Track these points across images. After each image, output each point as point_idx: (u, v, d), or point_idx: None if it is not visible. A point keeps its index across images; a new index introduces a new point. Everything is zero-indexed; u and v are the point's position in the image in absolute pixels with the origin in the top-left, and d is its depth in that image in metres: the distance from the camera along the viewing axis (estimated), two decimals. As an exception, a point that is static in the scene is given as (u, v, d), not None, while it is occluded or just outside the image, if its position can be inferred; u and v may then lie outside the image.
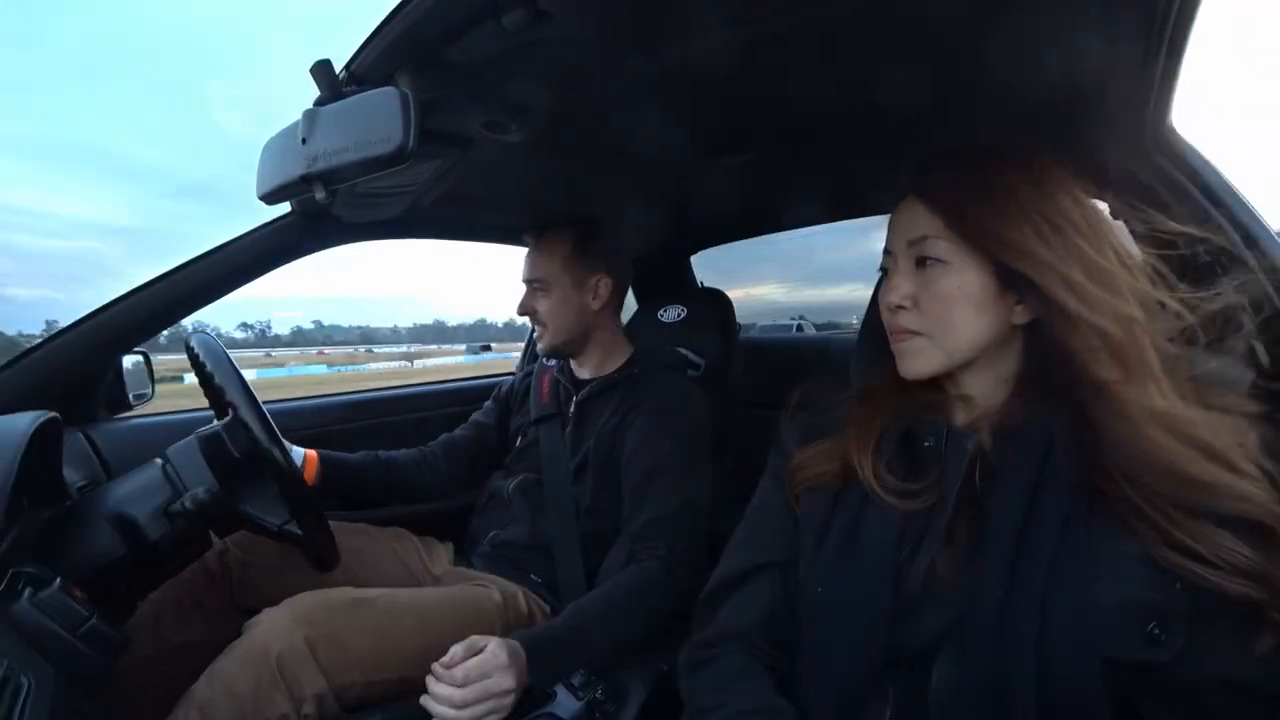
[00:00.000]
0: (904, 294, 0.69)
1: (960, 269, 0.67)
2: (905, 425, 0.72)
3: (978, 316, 0.67)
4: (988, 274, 0.66)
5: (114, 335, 1.10)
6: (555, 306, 1.30)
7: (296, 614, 0.91)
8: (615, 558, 1.21)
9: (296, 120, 0.74)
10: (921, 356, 0.70)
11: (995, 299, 0.66)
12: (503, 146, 0.94)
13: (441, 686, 0.84)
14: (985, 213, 0.65)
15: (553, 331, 1.30)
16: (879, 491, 0.69)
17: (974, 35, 0.75)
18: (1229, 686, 0.57)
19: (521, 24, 0.63)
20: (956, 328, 0.67)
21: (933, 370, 0.70)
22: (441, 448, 1.44)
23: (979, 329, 0.67)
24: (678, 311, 1.69)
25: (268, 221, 1.12)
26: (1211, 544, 0.55)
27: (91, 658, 0.71)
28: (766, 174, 1.31)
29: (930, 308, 0.68)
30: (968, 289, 0.66)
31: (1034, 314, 0.65)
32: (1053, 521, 0.60)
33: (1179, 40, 0.73)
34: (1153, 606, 0.57)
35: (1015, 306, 0.67)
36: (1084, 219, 0.65)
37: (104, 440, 1.21)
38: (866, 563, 0.68)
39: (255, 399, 0.92)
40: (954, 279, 0.67)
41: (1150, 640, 0.57)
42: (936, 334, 0.68)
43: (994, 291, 0.66)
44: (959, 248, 0.66)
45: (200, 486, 0.87)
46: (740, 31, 0.73)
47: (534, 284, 1.31)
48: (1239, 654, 0.57)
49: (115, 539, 0.82)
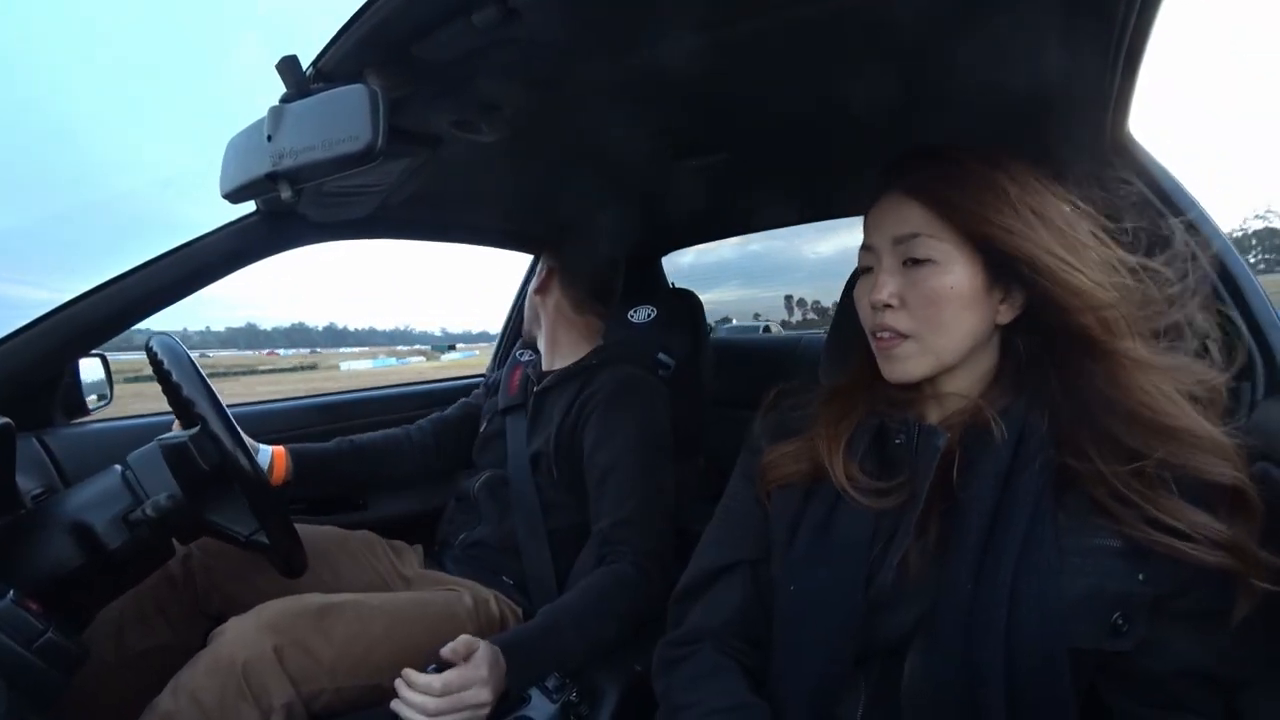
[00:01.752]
0: (891, 291, 0.69)
1: (950, 267, 0.67)
2: (876, 423, 0.73)
3: (968, 315, 0.67)
4: (977, 269, 0.67)
5: (70, 337, 1.07)
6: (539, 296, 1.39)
7: (263, 622, 0.89)
8: (586, 560, 1.20)
9: (262, 117, 0.73)
10: (910, 361, 0.69)
11: (984, 296, 0.67)
12: (473, 146, 0.93)
13: (415, 695, 0.82)
14: (977, 205, 0.66)
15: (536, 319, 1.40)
16: (851, 492, 0.69)
17: (940, 41, 0.77)
18: (1188, 674, 0.60)
19: (492, 22, 0.63)
20: (947, 328, 0.67)
21: (922, 374, 0.70)
22: (431, 424, 1.45)
23: (968, 329, 0.68)
24: (648, 312, 1.70)
25: (232, 221, 1.10)
26: (1187, 520, 0.57)
27: (48, 672, 0.69)
28: (738, 175, 1.31)
29: (919, 307, 0.68)
30: (959, 287, 0.66)
31: (1018, 310, 0.68)
32: (1022, 515, 0.61)
33: (1136, 50, 0.75)
34: (1117, 597, 0.59)
35: (1000, 305, 0.68)
36: (1060, 209, 0.67)
37: (60, 446, 1.17)
38: (839, 560, 0.69)
39: (222, 405, 0.90)
40: (945, 277, 0.67)
41: (1114, 630, 0.58)
42: (926, 335, 0.68)
43: (983, 288, 0.67)
44: (949, 244, 0.67)
45: (162, 493, 0.84)
46: (712, 33, 0.73)
47: None
48: (1199, 642, 0.59)
49: (72, 548, 0.79)
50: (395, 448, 1.39)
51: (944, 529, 0.65)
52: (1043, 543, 0.60)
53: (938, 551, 0.65)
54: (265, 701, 0.84)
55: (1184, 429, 0.60)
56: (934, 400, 0.73)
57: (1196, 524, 0.57)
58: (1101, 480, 0.60)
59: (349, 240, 1.36)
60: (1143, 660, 0.60)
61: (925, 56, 0.81)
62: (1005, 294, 0.68)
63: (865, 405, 0.75)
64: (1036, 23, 0.72)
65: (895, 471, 0.69)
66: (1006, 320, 0.68)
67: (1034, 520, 0.61)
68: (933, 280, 0.67)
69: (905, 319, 0.69)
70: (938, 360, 0.69)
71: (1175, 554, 0.57)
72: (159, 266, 1.07)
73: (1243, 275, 0.87)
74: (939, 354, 0.68)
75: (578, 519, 1.23)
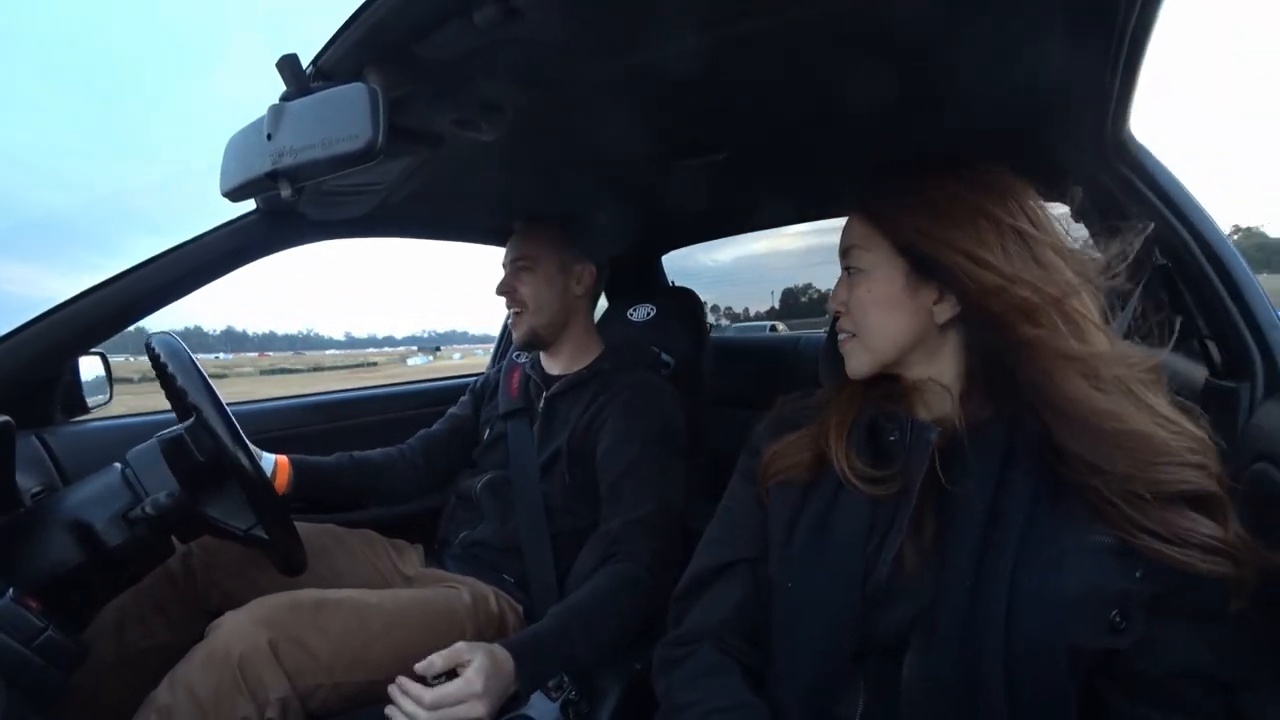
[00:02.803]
0: (839, 300, 0.78)
1: (873, 274, 0.74)
2: (871, 417, 0.75)
3: (893, 316, 0.73)
4: (897, 275, 0.72)
5: (70, 335, 1.07)
6: (538, 286, 1.29)
7: (259, 616, 0.89)
8: (587, 557, 1.20)
9: (262, 116, 0.73)
10: (854, 357, 0.77)
11: (908, 298, 0.72)
12: (474, 145, 0.93)
13: (408, 703, 0.82)
14: (901, 212, 0.72)
15: (533, 311, 1.30)
16: (850, 476, 0.71)
17: (940, 41, 0.77)
18: (1187, 674, 0.60)
19: (493, 21, 0.62)
20: (875, 328, 0.74)
21: (866, 369, 0.76)
22: (420, 443, 1.43)
23: (899, 328, 0.73)
24: (647, 310, 1.70)
25: (232, 219, 1.10)
26: (1170, 526, 0.57)
27: (48, 670, 0.69)
28: (737, 175, 1.31)
29: (855, 312, 0.76)
30: (878, 292, 0.73)
31: (956, 309, 0.70)
32: (1018, 514, 0.62)
33: (1137, 51, 0.75)
34: (1116, 595, 0.59)
35: (934, 306, 0.71)
36: (1012, 209, 0.69)
37: (60, 444, 1.17)
38: (835, 557, 0.69)
39: (220, 401, 0.90)
40: (867, 284, 0.74)
41: (1112, 628, 0.59)
42: (861, 334, 0.76)
43: (905, 291, 0.72)
44: (874, 253, 0.73)
45: (162, 491, 0.84)
46: (712, 34, 0.73)
47: (518, 262, 1.31)
48: (1197, 642, 0.59)
49: (72, 547, 0.80)
50: (390, 465, 1.38)
51: (940, 525, 0.66)
52: (1041, 540, 0.61)
53: (934, 548, 0.66)
54: (261, 695, 0.84)
55: (1135, 433, 0.60)
56: (918, 394, 0.75)
57: (1181, 530, 0.57)
58: (1086, 486, 0.60)
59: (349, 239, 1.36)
60: (1141, 659, 0.60)
61: (924, 56, 0.81)
62: (939, 295, 0.71)
63: (862, 401, 0.77)
64: (1036, 22, 0.72)
65: (889, 464, 0.71)
66: (945, 318, 0.71)
67: (1032, 517, 0.62)
68: (860, 287, 0.75)
69: (850, 322, 0.77)
70: (875, 357, 0.75)
71: (1165, 560, 0.57)
72: (159, 265, 1.07)
73: (1242, 275, 0.87)
74: (874, 351, 0.75)
75: (582, 522, 1.23)
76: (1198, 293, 0.91)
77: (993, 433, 0.67)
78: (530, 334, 1.31)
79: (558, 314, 1.31)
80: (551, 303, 1.30)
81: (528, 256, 1.30)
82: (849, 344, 0.77)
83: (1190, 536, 0.57)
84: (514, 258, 1.32)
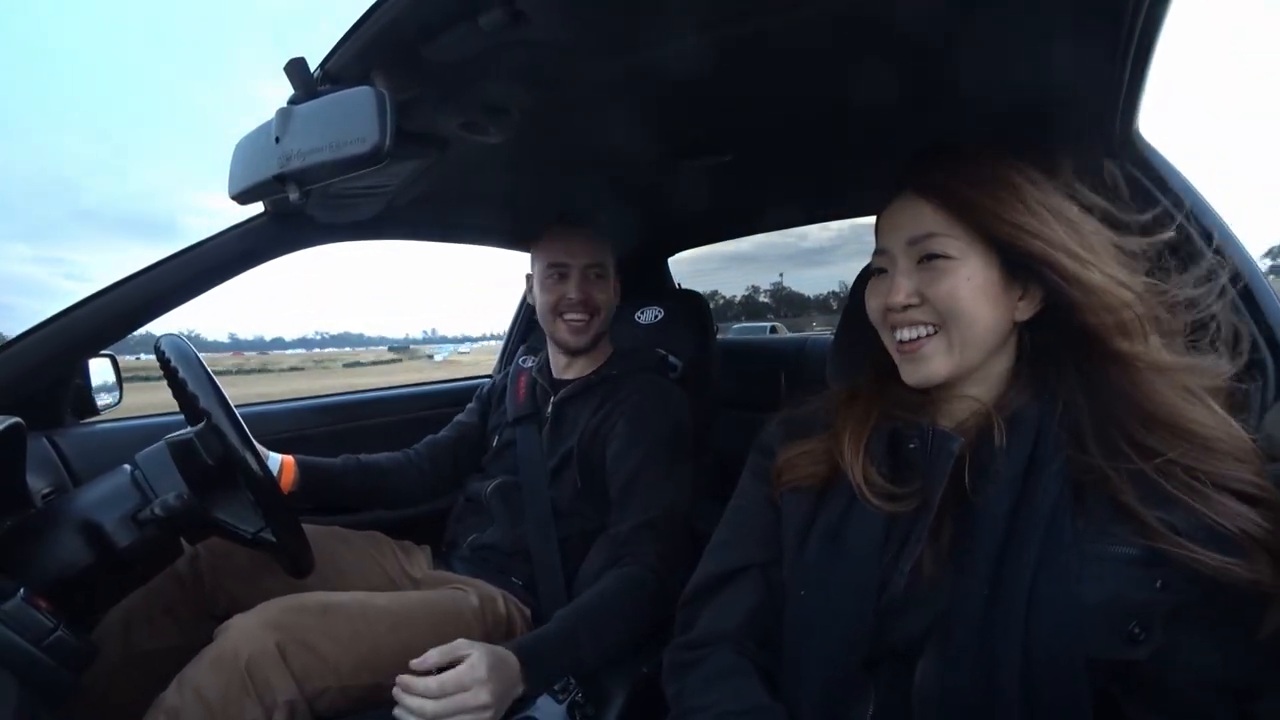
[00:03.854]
0: (909, 291, 0.69)
1: (967, 261, 0.67)
2: (890, 427, 0.73)
3: (989, 309, 0.67)
4: (994, 266, 0.67)
5: (81, 338, 1.08)
6: (609, 294, 1.32)
7: (267, 618, 0.89)
8: (595, 560, 1.20)
9: (270, 119, 0.73)
10: (935, 360, 0.69)
11: (1003, 292, 0.68)
12: (480, 148, 0.93)
13: (414, 699, 0.82)
14: (993, 203, 0.66)
15: (603, 320, 1.32)
16: (867, 494, 0.69)
17: (948, 39, 0.76)
18: (1203, 683, 0.59)
19: (499, 25, 0.63)
20: (970, 321, 0.67)
21: (945, 374, 0.69)
22: (426, 448, 1.43)
23: (990, 323, 0.68)
24: (655, 313, 1.69)
25: (240, 222, 1.11)
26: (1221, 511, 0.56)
27: (57, 670, 0.69)
28: (744, 176, 1.31)
29: (939, 301, 0.68)
30: (977, 281, 0.67)
31: (1037, 307, 0.68)
32: (1039, 522, 0.61)
33: (1145, 48, 0.75)
34: (1136, 605, 0.58)
35: (1019, 302, 0.68)
36: (1075, 210, 0.67)
37: (70, 446, 1.18)
38: (850, 567, 0.68)
39: (228, 403, 0.90)
40: (964, 272, 0.67)
41: (1130, 639, 0.58)
42: (951, 327, 0.68)
43: (1001, 284, 0.68)
44: (966, 242, 0.67)
45: (171, 492, 0.85)
46: (717, 34, 0.73)
47: (594, 269, 1.30)
48: (1216, 652, 0.58)
49: (82, 547, 0.80)
50: (396, 469, 1.38)
51: (957, 533, 0.65)
52: (1062, 548, 0.60)
53: (951, 557, 0.64)
54: (269, 697, 0.84)
55: (1200, 431, 0.59)
56: (945, 404, 0.73)
57: (1232, 514, 0.56)
58: (1123, 479, 0.59)
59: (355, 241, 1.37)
60: (1159, 669, 0.59)
61: (932, 56, 0.81)
62: (1024, 291, 0.68)
63: (879, 409, 0.75)
64: (1044, 20, 0.72)
65: (908, 476, 0.69)
66: (1025, 317, 0.69)
67: (1052, 525, 0.60)
68: (951, 276, 0.67)
69: (929, 313, 0.69)
70: (961, 358, 0.69)
71: (1196, 564, 0.55)
72: (168, 268, 1.08)
73: (1254, 277, 0.86)
74: (963, 349, 0.68)
75: (591, 526, 1.23)
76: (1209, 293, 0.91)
77: (1024, 433, 0.65)
78: (593, 340, 1.32)
79: (610, 320, 1.33)
80: (612, 310, 1.33)
81: (601, 264, 1.30)
82: (926, 345, 0.70)
83: (1240, 522, 0.56)
84: (588, 264, 1.29)
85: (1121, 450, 0.60)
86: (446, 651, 0.86)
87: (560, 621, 0.99)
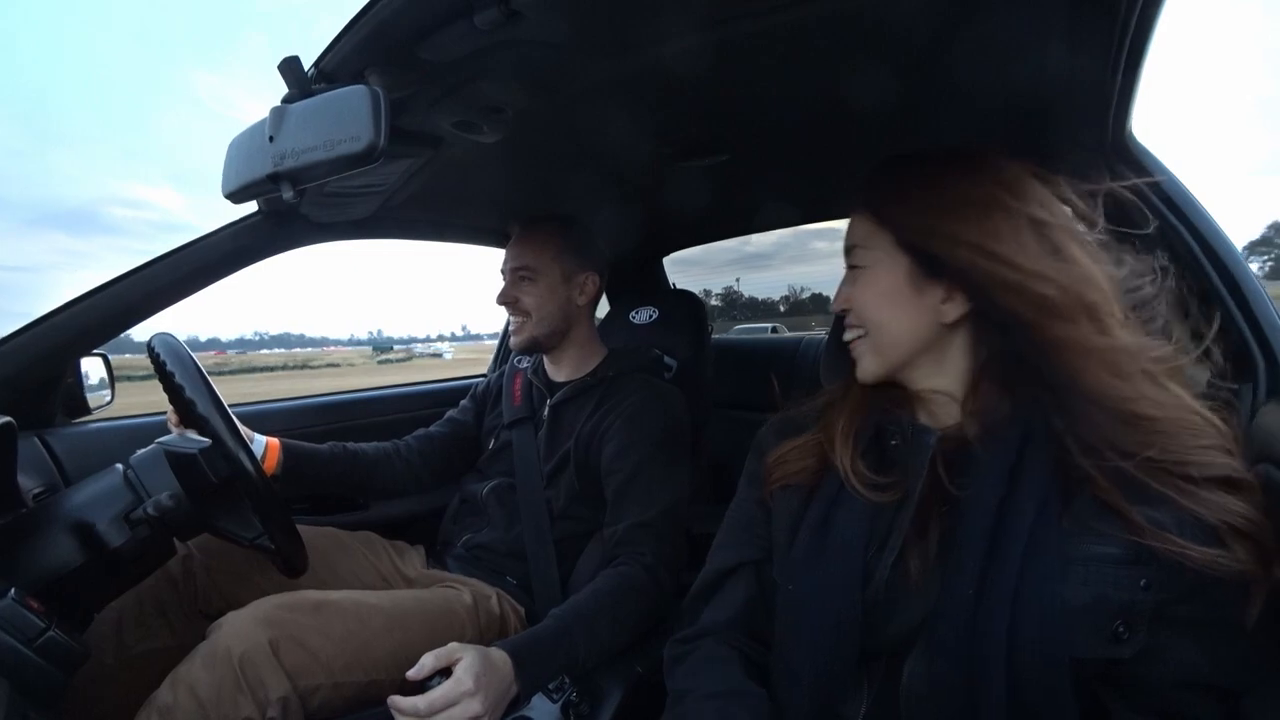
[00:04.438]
0: (842, 298, 0.76)
1: (875, 270, 0.72)
2: (875, 423, 0.74)
3: (901, 314, 0.71)
4: (900, 272, 0.70)
5: (72, 336, 1.07)
6: (542, 297, 1.28)
7: (259, 615, 0.89)
8: (590, 560, 1.21)
9: (263, 118, 0.73)
10: (865, 359, 0.75)
11: (912, 294, 0.70)
12: (475, 147, 0.93)
13: None
14: (902, 208, 0.71)
15: (536, 322, 1.28)
16: (854, 483, 0.71)
17: (943, 41, 0.77)
18: (1188, 682, 0.59)
19: (494, 23, 0.63)
20: (883, 327, 0.72)
21: (876, 372, 0.74)
22: (417, 441, 1.42)
23: (905, 327, 0.71)
24: (650, 313, 1.69)
25: (234, 220, 1.10)
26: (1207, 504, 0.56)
27: (49, 670, 0.69)
28: (740, 176, 1.31)
29: (859, 309, 0.74)
30: (881, 287, 0.71)
31: (966, 307, 0.68)
32: (1024, 521, 0.61)
33: (1138, 51, 0.75)
34: (1120, 606, 0.58)
35: (942, 305, 0.69)
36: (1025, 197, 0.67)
37: (61, 445, 1.17)
38: (835, 560, 0.69)
39: (223, 404, 0.90)
40: (870, 280, 0.72)
41: (1115, 638, 0.58)
42: (871, 332, 0.74)
43: (910, 288, 0.70)
44: (876, 250, 0.72)
45: (163, 492, 0.84)
46: (713, 34, 0.73)
47: (520, 271, 1.29)
48: (1200, 651, 0.59)
49: (73, 547, 0.80)
50: (385, 460, 1.37)
51: (945, 531, 0.65)
52: (1047, 548, 0.60)
53: (939, 555, 0.65)
54: (261, 694, 0.84)
55: (1166, 419, 0.60)
56: (920, 402, 0.74)
57: (1214, 506, 0.56)
58: (1105, 477, 0.59)
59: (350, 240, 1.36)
60: (1143, 668, 0.59)
61: (926, 57, 0.81)
62: (947, 294, 0.69)
63: (866, 406, 0.76)
64: (1037, 22, 0.73)
65: (892, 471, 0.70)
66: (952, 318, 0.69)
67: (1038, 524, 0.61)
68: (861, 283, 0.73)
69: (855, 318, 0.75)
70: (886, 359, 0.73)
71: (1184, 559, 0.56)
72: (161, 267, 1.07)
73: (1244, 277, 0.87)
74: (884, 352, 0.73)
75: (587, 527, 1.23)
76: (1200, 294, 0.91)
77: (1007, 432, 0.66)
78: (531, 342, 1.31)
79: (560, 323, 1.30)
80: (555, 313, 1.29)
81: (529, 266, 1.28)
82: (858, 345, 0.76)
83: (1226, 515, 0.56)
84: (514, 266, 1.29)
85: (1097, 447, 0.60)
86: (441, 656, 0.85)
87: (554, 621, 0.99)
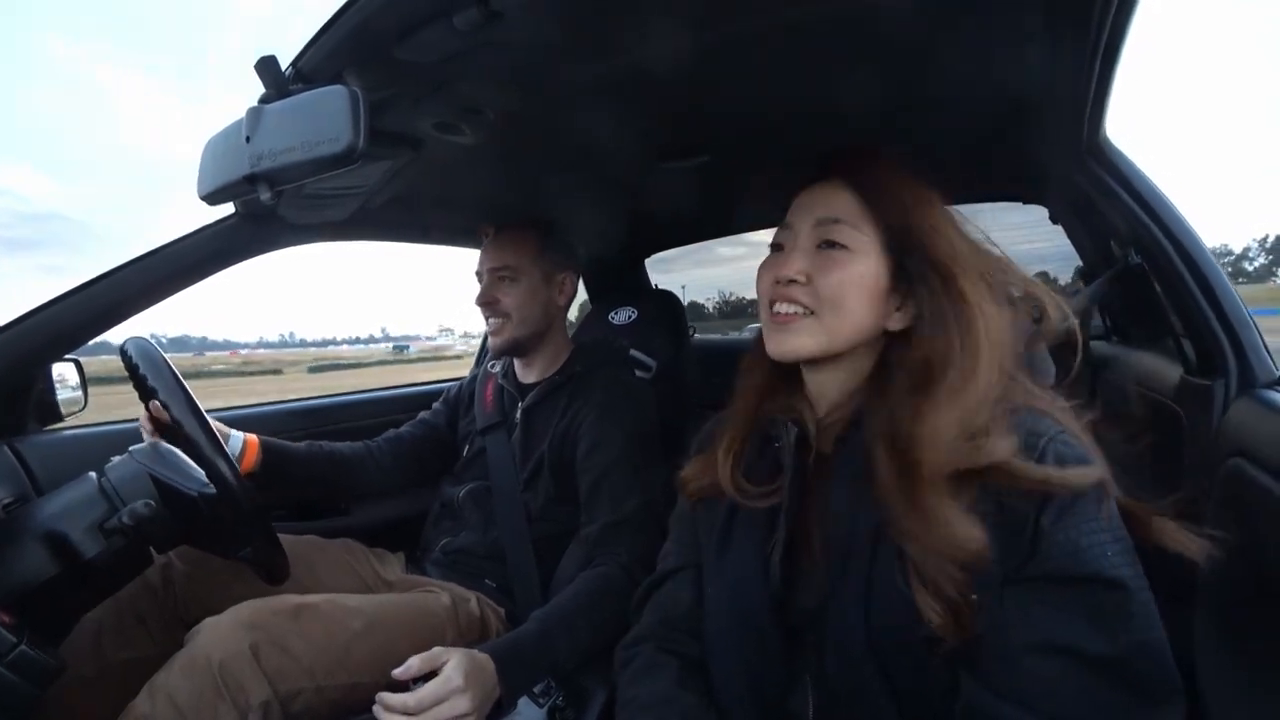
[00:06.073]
0: (800, 269, 0.71)
1: (862, 258, 0.70)
2: (764, 426, 0.78)
3: (866, 308, 0.70)
4: (884, 269, 0.70)
5: (44, 341, 1.05)
6: (523, 298, 1.28)
7: (239, 620, 0.88)
8: (569, 561, 1.20)
9: (240, 118, 0.72)
10: (803, 336, 0.71)
11: (884, 296, 0.70)
12: (455, 148, 0.92)
13: (394, 717, 0.82)
14: (907, 199, 0.70)
15: (516, 323, 1.28)
16: (737, 497, 0.75)
17: (923, 44, 0.77)
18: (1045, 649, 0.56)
19: (473, 24, 0.62)
20: (847, 313, 0.69)
21: (809, 352, 0.71)
22: (388, 443, 1.42)
23: (861, 320, 0.70)
24: (629, 313, 1.70)
25: (211, 223, 1.08)
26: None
27: (21, 685, 0.67)
28: (722, 177, 1.32)
29: (825, 288, 0.70)
30: (866, 280, 0.69)
31: (908, 322, 0.69)
32: (871, 518, 0.63)
33: (1112, 55, 0.76)
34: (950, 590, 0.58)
35: (895, 312, 0.71)
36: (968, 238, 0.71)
37: (33, 454, 1.15)
38: (737, 565, 0.74)
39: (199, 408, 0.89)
40: (856, 265, 0.69)
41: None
42: (825, 314, 0.70)
43: (885, 289, 0.70)
44: (869, 239, 0.70)
45: (139, 501, 0.83)
46: (695, 35, 0.73)
47: (500, 272, 1.28)
48: (1054, 618, 0.56)
49: (46, 558, 0.77)
50: (359, 462, 1.36)
51: (822, 529, 0.69)
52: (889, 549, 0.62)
53: (822, 551, 0.68)
54: (242, 700, 0.83)
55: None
56: (807, 404, 0.77)
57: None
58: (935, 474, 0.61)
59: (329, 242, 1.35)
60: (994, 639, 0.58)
61: (905, 60, 0.82)
62: (901, 302, 0.70)
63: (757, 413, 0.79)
64: (1014, 26, 0.73)
65: (776, 473, 0.74)
66: (896, 327, 0.70)
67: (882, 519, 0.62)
68: (842, 267, 0.70)
69: (808, 295, 0.71)
70: (828, 342, 0.70)
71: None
72: (135, 270, 1.05)
73: (1214, 275, 0.89)
74: (831, 335, 0.70)
75: (564, 527, 1.23)
76: (1172, 292, 0.93)
77: (860, 430, 0.68)
78: (511, 343, 1.30)
79: (540, 324, 1.30)
80: (535, 313, 1.29)
81: (510, 266, 1.27)
82: (798, 321, 0.71)
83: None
84: (493, 267, 1.28)
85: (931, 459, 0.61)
86: (427, 660, 0.85)
87: (534, 623, 0.99)
